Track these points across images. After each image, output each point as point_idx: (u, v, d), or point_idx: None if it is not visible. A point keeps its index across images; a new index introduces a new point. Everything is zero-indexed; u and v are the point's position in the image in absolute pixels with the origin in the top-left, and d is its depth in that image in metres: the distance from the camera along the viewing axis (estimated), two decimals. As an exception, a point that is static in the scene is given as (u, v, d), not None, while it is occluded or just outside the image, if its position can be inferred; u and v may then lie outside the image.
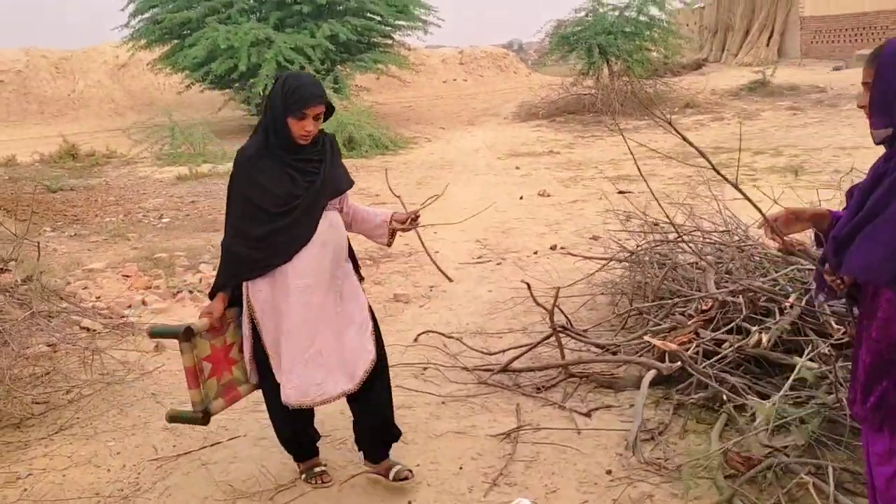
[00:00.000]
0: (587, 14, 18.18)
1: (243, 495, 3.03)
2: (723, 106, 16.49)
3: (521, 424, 3.47)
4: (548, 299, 4.29)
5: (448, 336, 4.60)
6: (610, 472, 3.03)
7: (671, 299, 4.23)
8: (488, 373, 4.07)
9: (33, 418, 3.79)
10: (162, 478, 3.21)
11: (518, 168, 11.40)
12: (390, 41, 19.01)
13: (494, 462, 3.18)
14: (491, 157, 12.67)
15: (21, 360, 4.05)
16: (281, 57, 15.45)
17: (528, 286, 4.32)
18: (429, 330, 4.73)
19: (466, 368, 4.17)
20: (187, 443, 3.49)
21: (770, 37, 25.13)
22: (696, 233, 4.66)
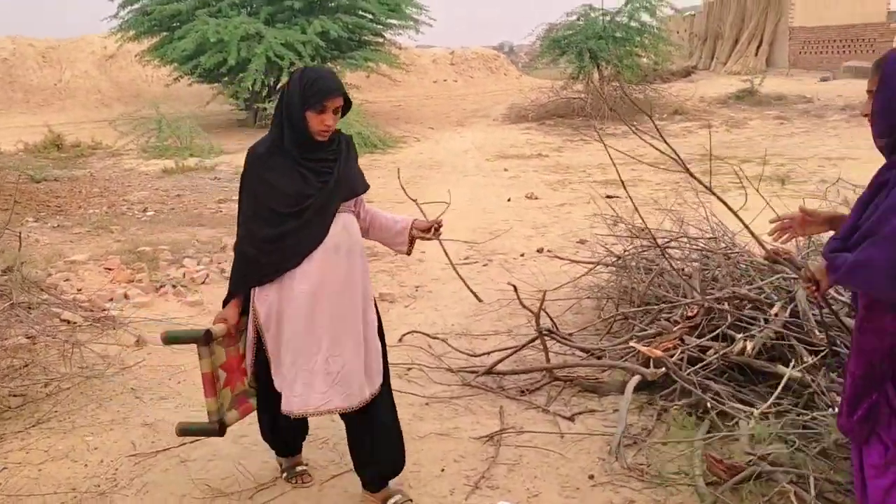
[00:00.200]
0: (579, 18, 18.27)
1: (222, 494, 2.99)
2: (711, 113, 16.59)
3: (505, 427, 3.45)
4: (534, 302, 4.28)
5: (433, 337, 4.58)
6: (592, 477, 3.02)
7: (657, 305, 4.24)
8: (473, 374, 4.05)
9: (10, 411, 3.73)
10: (140, 474, 3.17)
11: (506, 170, 11.40)
12: (381, 40, 18.98)
13: (477, 465, 3.16)
14: (480, 159, 12.66)
15: (-1, 352, 3.99)
16: (271, 52, 15.38)
17: (514, 288, 4.31)
18: (414, 330, 4.71)
19: (451, 370, 4.15)
20: (166, 439, 3.44)
21: (759, 46, 25.36)
22: (683, 239, 4.67)
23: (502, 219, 8.12)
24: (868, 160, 9.16)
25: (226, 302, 2.79)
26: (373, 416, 2.74)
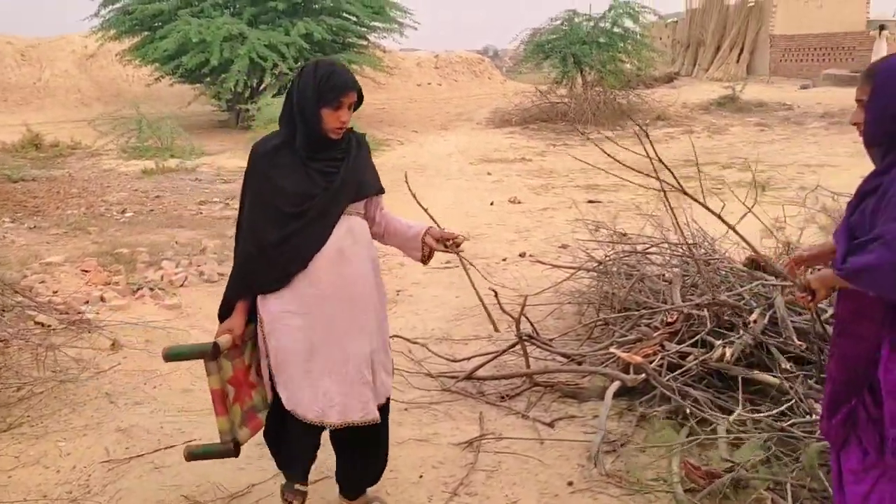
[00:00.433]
0: (563, 23, 18.34)
1: (196, 501, 2.95)
2: (693, 119, 16.69)
3: (484, 433, 3.43)
4: (515, 307, 4.27)
5: (413, 342, 4.55)
6: (571, 484, 3.01)
7: (637, 311, 4.24)
8: (452, 380, 4.03)
9: (-20, 416, 3.66)
10: (113, 481, 3.11)
11: (490, 174, 11.40)
12: (365, 42, 18.92)
13: (456, 471, 3.14)
14: (463, 162, 12.66)
15: (-30, 356, 3.91)
16: (254, 53, 15.28)
17: (495, 294, 4.30)
18: (394, 335, 4.66)
19: (430, 375, 4.13)
20: (140, 445, 3.39)
21: (740, 53, 25.58)
22: (664, 245, 4.68)
23: (485, 222, 8.11)
24: (847, 167, 9.28)
25: (223, 310, 2.61)
26: (369, 429, 2.62)
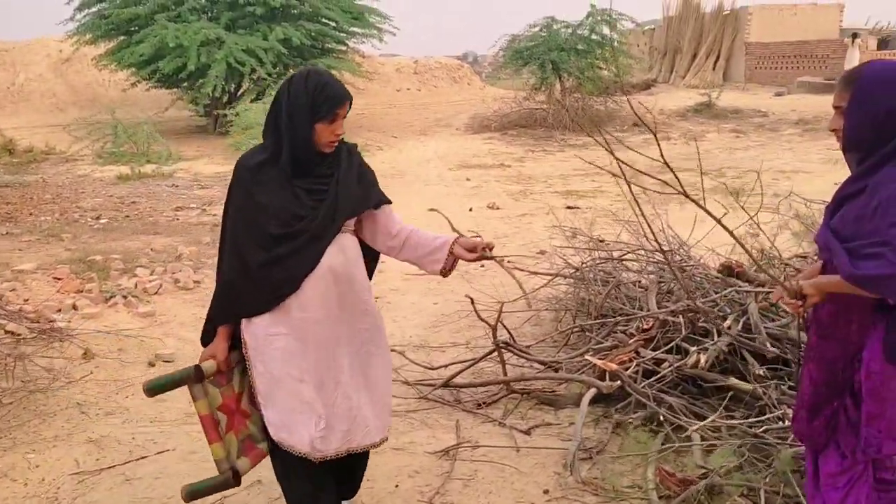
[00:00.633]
0: (541, 30, 18.44)
1: (168, 513, 2.91)
2: (670, 126, 16.85)
3: (461, 441, 3.42)
4: (492, 314, 4.26)
5: (390, 349, 4.52)
6: (547, 492, 3.00)
7: (614, 317, 4.25)
8: (429, 388, 4.01)
9: (-54, 428, 3.58)
10: (82, 493, 3.06)
11: (468, 180, 11.41)
12: (344, 48, 18.89)
13: (432, 480, 3.12)
14: (442, 168, 12.66)
15: (-64, 366, 3.83)
16: (232, 58, 15.20)
17: (471, 301, 4.28)
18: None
19: (407, 382, 4.11)
20: (112, 456, 3.34)
21: (716, 61, 25.89)
22: (640, 251, 4.71)
23: (464, 229, 8.08)
24: (820, 174, 9.41)
25: (205, 335, 2.49)
26: (357, 454, 2.54)
